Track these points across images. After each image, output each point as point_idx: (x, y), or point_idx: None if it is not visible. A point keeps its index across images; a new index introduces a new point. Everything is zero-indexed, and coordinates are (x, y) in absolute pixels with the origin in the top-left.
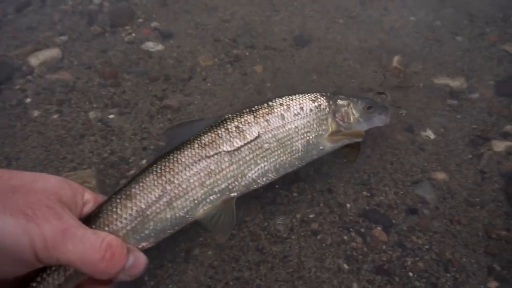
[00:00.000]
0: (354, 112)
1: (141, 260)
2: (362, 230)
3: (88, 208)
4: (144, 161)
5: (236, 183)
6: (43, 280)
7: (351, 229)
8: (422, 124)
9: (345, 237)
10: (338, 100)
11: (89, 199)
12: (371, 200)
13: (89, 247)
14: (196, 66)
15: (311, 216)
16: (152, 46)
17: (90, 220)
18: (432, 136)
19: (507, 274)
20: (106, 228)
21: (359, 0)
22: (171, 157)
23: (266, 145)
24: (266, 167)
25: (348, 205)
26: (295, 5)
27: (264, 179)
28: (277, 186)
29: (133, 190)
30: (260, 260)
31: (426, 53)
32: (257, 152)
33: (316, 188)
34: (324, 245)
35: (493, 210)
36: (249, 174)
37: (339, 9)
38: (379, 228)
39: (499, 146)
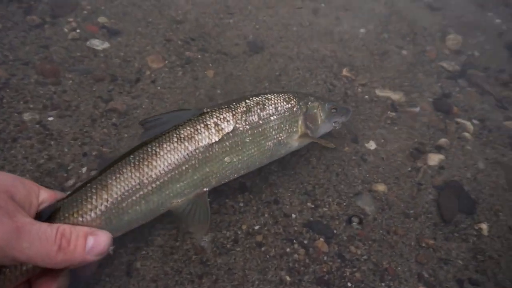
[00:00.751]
0: (321, 114)
1: (102, 238)
2: (305, 241)
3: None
4: (84, 169)
5: (210, 178)
6: None
7: (294, 241)
8: (365, 136)
9: (288, 249)
10: (309, 103)
11: (46, 198)
12: (315, 211)
13: (45, 241)
14: (145, 67)
15: (256, 227)
16: (98, 43)
17: (63, 208)
18: (373, 147)
19: (434, 280)
20: (80, 218)
21: (312, 8)
22: (149, 149)
23: (241, 143)
24: (239, 165)
25: (293, 216)
26: (250, 9)
27: (235, 175)
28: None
29: (109, 181)
30: (203, 272)
31: (372, 67)
32: (233, 149)
33: (262, 198)
34: (267, 257)
35: (424, 221)
36: (223, 170)
37: (293, 17)
38: (322, 239)
39: (434, 159)
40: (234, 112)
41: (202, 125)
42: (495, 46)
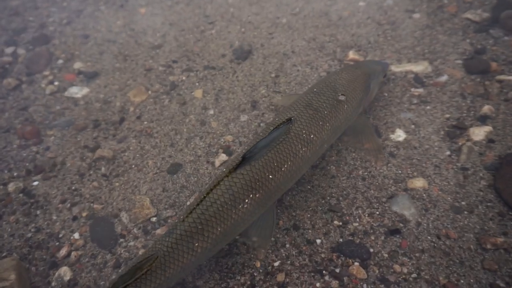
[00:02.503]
0: (376, 90)
1: None
2: (337, 270)
3: None
4: (76, 234)
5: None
6: None
7: (324, 271)
8: (389, 125)
9: (318, 284)
10: (371, 85)
11: None
12: (344, 229)
13: None
14: (128, 104)
15: (276, 263)
16: (77, 91)
17: None
18: (403, 137)
19: None
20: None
21: None
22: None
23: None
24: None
25: (318, 241)
26: (232, 11)
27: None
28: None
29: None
30: None
31: (382, 41)
32: (316, 149)
33: (279, 226)
34: None
35: (484, 213)
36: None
37: (280, 7)
38: (356, 263)
39: (478, 133)
40: (324, 120)
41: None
42: None
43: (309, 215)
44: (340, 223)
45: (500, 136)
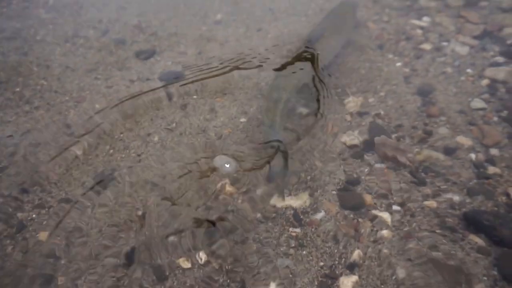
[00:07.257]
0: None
1: None
2: None
3: None
4: None
5: None
6: None
7: None
8: (260, 277)
9: None
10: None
11: None
12: None
13: None
14: None
15: None
16: None
17: None
18: None
19: None
20: None
21: (180, 104)
22: None
23: None
24: None
25: None
26: (96, 121)
27: None
28: None
29: None
30: None
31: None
32: None
33: None
34: None
35: None
36: None
37: (155, 121)
38: None
39: (347, 284)
40: None
41: None
42: (402, 96)
43: None
44: None
45: (363, 287)
